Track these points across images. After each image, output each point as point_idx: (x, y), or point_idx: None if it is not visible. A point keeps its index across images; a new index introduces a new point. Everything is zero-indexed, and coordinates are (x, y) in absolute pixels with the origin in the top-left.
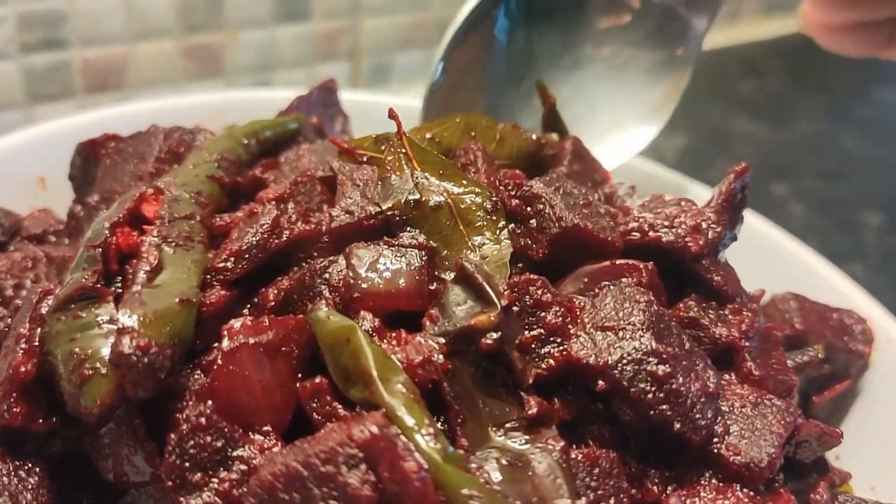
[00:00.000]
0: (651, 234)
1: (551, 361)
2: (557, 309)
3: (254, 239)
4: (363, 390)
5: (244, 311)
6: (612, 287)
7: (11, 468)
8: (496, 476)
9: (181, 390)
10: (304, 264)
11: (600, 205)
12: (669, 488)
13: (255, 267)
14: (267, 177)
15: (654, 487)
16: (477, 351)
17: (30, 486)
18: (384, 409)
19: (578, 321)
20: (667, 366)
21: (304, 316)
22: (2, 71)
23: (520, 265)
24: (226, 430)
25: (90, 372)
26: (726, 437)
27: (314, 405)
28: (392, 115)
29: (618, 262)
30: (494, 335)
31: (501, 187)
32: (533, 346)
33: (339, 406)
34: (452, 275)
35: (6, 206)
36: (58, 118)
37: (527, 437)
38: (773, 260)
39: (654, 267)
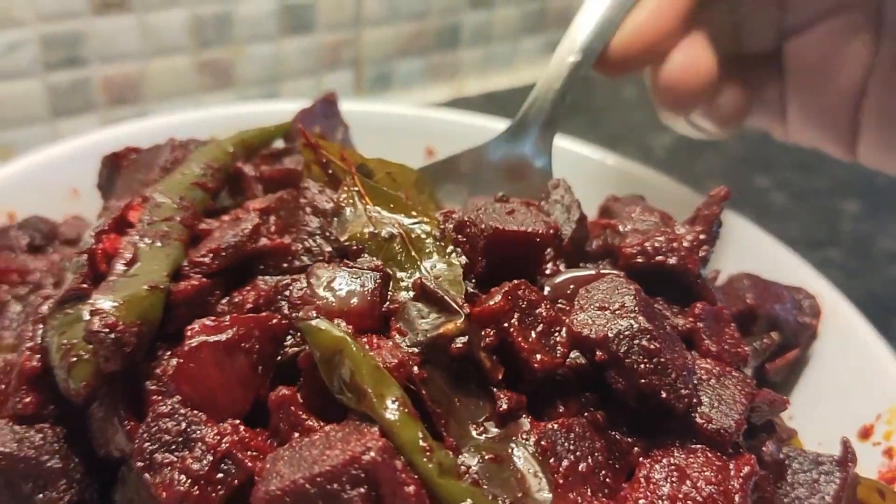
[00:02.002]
0: (657, 258)
1: (562, 349)
2: (546, 303)
3: (233, 240)
4: (359, 403)
5: (224, 307)
6: (601, 280)
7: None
8: (483, 475)
9: (157, 376)
10: (274, 275)
11: (527, 211)
12: (648, 460)
13: (230, 265)
14: (246, 169)
15: (639, 457)
16: (447, 357)
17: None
18: (381, 424)
19: (572, 309)
20: (657, 342)
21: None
22: (27, 89)
23: (472, 280)
24: (188, 415)
25: (75, 358)
26: (699, 407)
27: (281, 415)
28: (344, 158)
29: (602, 271)
30: (463, 339)
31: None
32: (542, 342)
33: (307, 419)
34: (409, 295)
35: (43, 215)
36: (81, 131)
37: (502, 430)
38: (732, 244)
39: (626, 276)
